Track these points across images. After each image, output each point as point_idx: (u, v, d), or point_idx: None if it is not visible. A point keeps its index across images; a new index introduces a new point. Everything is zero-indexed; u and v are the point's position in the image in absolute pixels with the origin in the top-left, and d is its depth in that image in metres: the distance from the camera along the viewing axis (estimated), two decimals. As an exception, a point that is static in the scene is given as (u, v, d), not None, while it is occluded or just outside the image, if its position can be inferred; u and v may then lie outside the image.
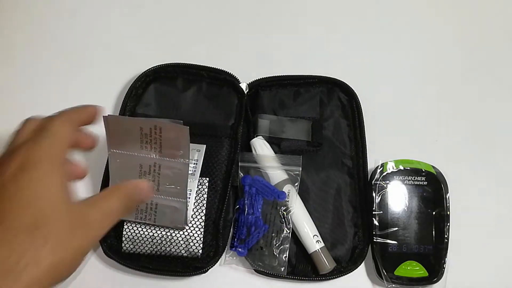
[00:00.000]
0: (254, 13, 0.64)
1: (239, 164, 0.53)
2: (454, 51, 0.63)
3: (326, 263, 0.50)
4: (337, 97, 0.57)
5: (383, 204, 0.52)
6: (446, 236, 0.51)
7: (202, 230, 0.50)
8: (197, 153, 0.52)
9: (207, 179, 0.52)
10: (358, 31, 0.64)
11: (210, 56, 0.60)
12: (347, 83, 0.57)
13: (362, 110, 0.56)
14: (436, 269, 0.50)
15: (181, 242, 0.50)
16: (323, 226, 0.52)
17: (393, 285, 0.50)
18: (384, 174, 0.53)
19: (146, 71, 0.56)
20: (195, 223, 0.50)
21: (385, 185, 0.52)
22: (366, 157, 0.54)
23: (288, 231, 0.50)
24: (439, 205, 0.52)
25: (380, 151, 0.56)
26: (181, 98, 0.56)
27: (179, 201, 0.47)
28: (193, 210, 0.50)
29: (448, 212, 0.52)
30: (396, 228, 0.51)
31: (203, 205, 0.51)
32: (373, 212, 0.52)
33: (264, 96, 0.57)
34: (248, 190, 0.52)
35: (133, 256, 0.50)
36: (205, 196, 0.51)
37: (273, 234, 0.51)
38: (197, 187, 0.51)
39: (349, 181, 0.54)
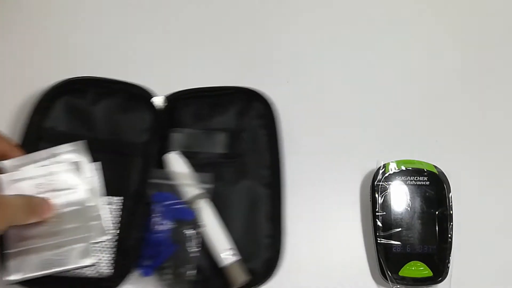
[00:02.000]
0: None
1: (152, 181, 0.52)
2: (454, 51, 0.63)
3: (237, 276, 0.49)
4: (254, 108, 0.56)
5: (386, 205, 0.52)
6: (449, 235, 0.51)
7: (112, 249, 0.49)
8: (95, 171, 0.51)
9: (120, 198, 0.51)
10: (362, 32, 0.64)
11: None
12: (263, 93, 0.56)
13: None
14: (440, 268, 0.50)
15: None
16: (238, 238, 0.51)
17: (398, 286, 0.50)
18: (386, 175, 0.53)
19: (54, 83, 0.54)
20: (105, 244, 0.49)
21: (387, 186, 0.52)
22: (283, 167, 0.54)
23: (197, 250, 0.49)
24: (442, 205, 0.52)
25: (382, 151, 0.56)
26: (92, 113, 0.54)
27: (84, 236, 0.48)
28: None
29: (451, 212, 0.52)
30: (400, 229, 0.51)
31: (115, 224, 0.50)
32: (376, 213, 0.52)
33: (181, 109, 0.56)
34: (158, 208, 0.51)
35: (36, 279, 0.48)
36: (117, 215, 0.51)
37: (181, 253, 0.50)
38: (108, 205, 0.51)
39: (266, 192, 0.53)
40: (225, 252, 0.49)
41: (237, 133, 0.55)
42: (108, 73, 0.56)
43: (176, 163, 0.52)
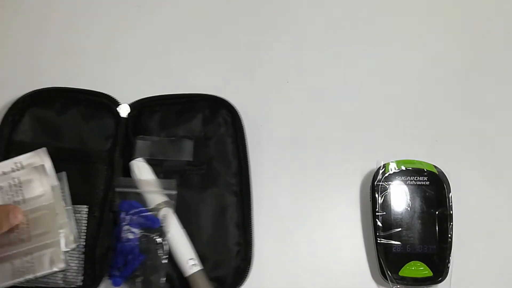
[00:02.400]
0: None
1: (117, 189, 0.51)
2: (455, 51, 0.63)
3: (201, 287, 0.48)
4: (220, 115, 0.56)
5: (386, 205, 0.52)
6: (449, 235, 0.51)
7: (81, 259, 0.49)
8: (60, 182, 0.51)
9: (86, 206, 0.51)
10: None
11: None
12: (229, 101, 0.56)
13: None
14: (440, 268, 0.50)
15: (58, 272, 0.49)
16: (206, 246, 0.51)
17: (398, 286, 0.50)
18: (386, 175, 0.53)
19: (22, 96, 0.54)
20: (73, 253, 0.49)
21: (387, 186, 0.52)
22: (249, 175, 0.53)
23: (164, 258, 0.49)
24: (442, 205, 0.52)
25: (382, 151, 0.56)
26: (58, 123, 0.54)
27: (53, 242, 0.48)
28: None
29: (451, 212, 0.52)
30: (400, 229, 0.51)
31: (82, 233, 0.50)
32: (376, 213, 0.52)
33: (147, 116, 0.56)
34: (124, 217, 0.50)
35: None
36: (84, 223, 0.51)
37: (149, 262, 0.49)
38: (75, 215, 0.51)
39: (232, 199, 0.53)
40: (188, 262, 0.49)
41: (203, 141, 0.55)
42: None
43: (141, 171, 0.52)
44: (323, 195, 0.56)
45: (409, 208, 0.52)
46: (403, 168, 0.53)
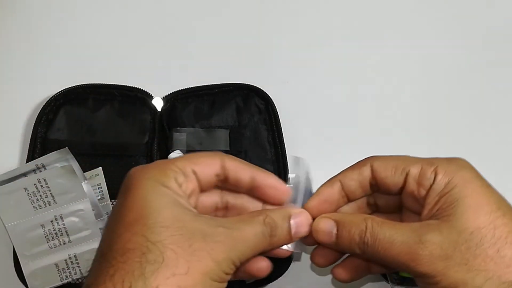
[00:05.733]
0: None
1: None
2: (455, 51, 0.64)
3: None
4: (253, 103, 0.57)
5: (386, 205, 0.52)
6: (450, 235, 0.51)
7: None
8: (97, 178, 0.51)
9: None
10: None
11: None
12: (261, 89, 0.57)
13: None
14: (441, 268, 0.50)
15: None
16: None
17: (398, 286, 0.50)
18: (386, 174, 0.52)
19: (55, 94, 0.55)
20: None
21: (387, 185, 0.52)
22: (287, 161, 0.54)
23: None
24: (442, 204, 0.52)
25: (382, 151, 0.56)
26: (93, 119, 0.55)
27: (96, 242, 0.47)
28: None
29: (451, 211, 0.51)
30: (400, 228, 0.51)
31: None
32: (376, 213, 0.51)
33: (180, 108, 0.57)
34: None
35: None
36: None
37: None
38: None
39: None
40: None
41: (238, 130, 0.56)
42: (105, 78, 0.57)
43: None
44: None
45: (409, 208, 0.52)
46: (403, 167, 0.53)
